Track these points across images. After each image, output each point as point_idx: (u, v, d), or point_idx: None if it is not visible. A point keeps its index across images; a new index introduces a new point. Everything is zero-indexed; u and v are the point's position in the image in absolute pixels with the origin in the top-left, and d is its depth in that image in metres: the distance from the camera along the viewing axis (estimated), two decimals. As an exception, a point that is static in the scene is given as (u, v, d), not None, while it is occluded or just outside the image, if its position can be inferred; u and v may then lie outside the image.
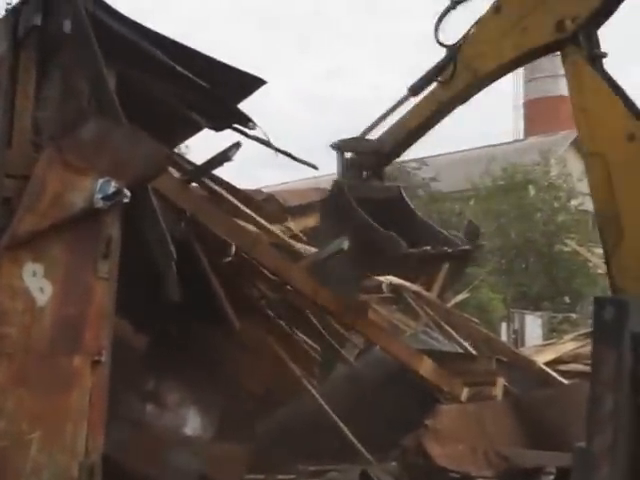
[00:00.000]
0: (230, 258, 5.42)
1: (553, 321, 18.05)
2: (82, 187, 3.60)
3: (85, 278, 3.58)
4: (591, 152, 4.15)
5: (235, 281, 5.71)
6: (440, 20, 4.83)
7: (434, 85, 5.09)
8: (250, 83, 4.94)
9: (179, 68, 4.30)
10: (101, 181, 3.61)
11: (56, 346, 3.48)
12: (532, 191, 20.76)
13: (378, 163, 5.59)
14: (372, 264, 6.01)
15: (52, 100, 3.81)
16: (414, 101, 5.31)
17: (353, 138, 5.62)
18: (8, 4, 3.55)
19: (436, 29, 4.83)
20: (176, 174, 5.42)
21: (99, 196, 3.59)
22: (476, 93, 5.03)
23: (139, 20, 4.08)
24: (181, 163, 5.65)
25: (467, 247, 7.55)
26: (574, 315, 18.56)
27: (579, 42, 4.26)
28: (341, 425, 5.32)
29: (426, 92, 5.22)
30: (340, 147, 5.60)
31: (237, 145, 5.41)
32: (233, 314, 5.20)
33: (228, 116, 5.09)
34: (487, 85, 4.95)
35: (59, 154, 3.62)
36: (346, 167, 5.58)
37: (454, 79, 4.86)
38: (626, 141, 3.99)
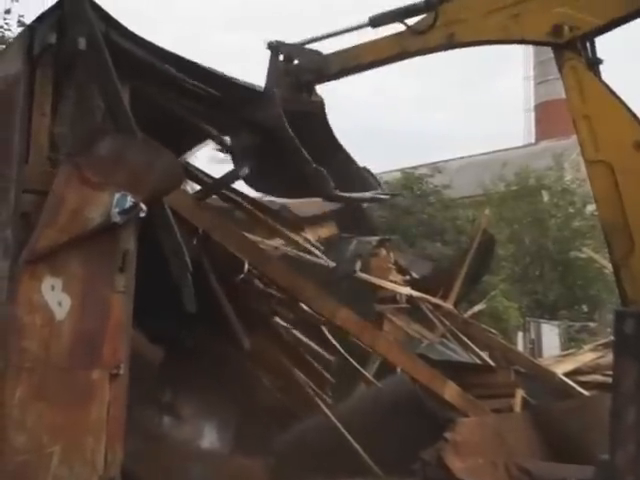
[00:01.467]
0: (243, 275, 5.48)
1: (571, 330, 17.92)
2: (99, 202, 3.69)
3: (103, 292, 3.68)
4: (595, 160, 4.10)
5: (247, 298, 5.76)
6: None
7: (401, 28, 4.86)
8: (256, 95, 5.03)
9: (190, 81, 4.39)
10: (118, 195, 3.70)
11: (75, 360, 3.57)
12: (546, 196, 20.64)
13: (316, 80, 5.34)
14: (295, 193, 5.89)
15: (68, 116, 3.91)
16: (371, 32, 5.05)
17: (294, 44, 5.31)
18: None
19: None
20: (190, 187, 5.52)
21: (116, 210, 3.68)
22: (443, 51, 4.87)
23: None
24: (197, 175, 5.75)
25: (385, 196, 7.49)
26: (592, 324, 18.44)
27: (576, 48, 4.18)
28: (353, 442, 5.33)
29: (389, 30, 4.98)
30: (278, 50, 5.24)
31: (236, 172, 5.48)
32: (243, 334, 5.24)
33: (239, 127, 5.18)
34: (457, 49, 4.80)
35: (76, 170, 3.71)
36: (280, 74, 5.23)
37: (426, 33, 4.70)
38: (633, 149, 3.94)
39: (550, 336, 17.11)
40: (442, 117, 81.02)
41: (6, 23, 12.48)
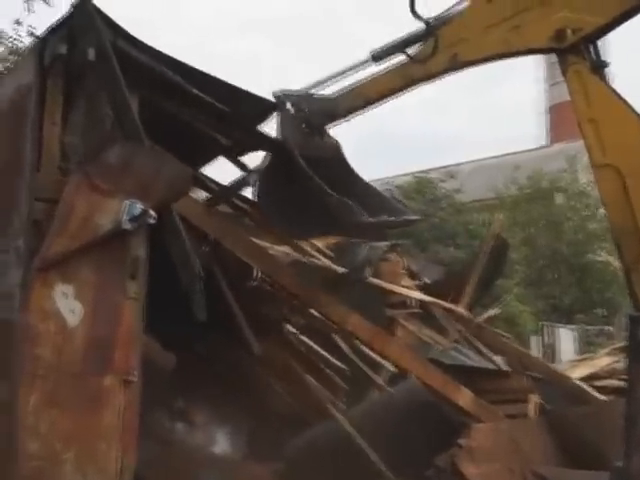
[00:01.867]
0: (254, 282, 5.50)
1: (588, 334, 17.81)
2: (109, 209, 3.76)
3: (114, 299, 3.73)
4: (602, 164, 4.11)
5: (258, 304, 5.78)
6: None
7: (403, 58, 4.96)
8: (267, 108, 5.08)
9: (195, 91, 4.44)
10: (127, 203, 3.76)
11: (87, 366, 3.62)
12: (560, 199, 20.59)
13: (327, 123, 5.43)
14: (325, 230, 5.81)
15: (78, 125, 3.99)
16: (374, 67, 5.13)
17: (299, 93, 5.40)
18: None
19: (412, 2, 4.65)
20: (200, 195, 5.57)
21: (126, 217, 3.75)
22: (448, 74, 4.91)
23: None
24: (206, 183, 5.81)
25: (415, 217, 7.45)
26: (609, 327, 18.31)
27: (580, 52, 4.20)
28: (366, 448, 5.34)
29: (392, 62, 5.06)
30: (285, 100, 5.34)
31: (256, 171, 5.54)
32: (253, 339, 5.27)
33: (251, 140, 5.23)
34: (462, 69, 4.84)
35: (86, 178, 3.79)
36: (290, 122, 5.31)
37: (429, 59, 4.75)
38: None
39: (566, 340, 17.03)
40: (452, 121, 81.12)
41: (18, 34, 12.71)
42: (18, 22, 12.58)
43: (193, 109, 4.64)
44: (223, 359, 5.38)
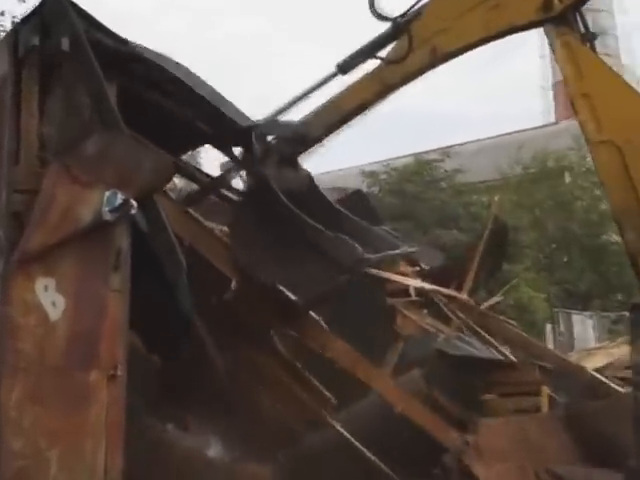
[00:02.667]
0: (231, 292, 5.36)
1: (605, 321, 17.69)
2: (90, 200, 3.82)
3: (97, 291, 3.79)
4: (599, 141, 4.06)
5: (241, 310, 5.65)
6: None
7: (375, 63, 4.82)
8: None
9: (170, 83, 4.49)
10: (108, 193, 3.84)
11: (71, 360, 3.68)
12: (568, 178, 20.42)
13: (300, 150, 5.23)
14: (322, 271, 5.21)
15: (56, 116, 4.05)
16: (343, 80, 4.97)
17: (270, 120, 5.18)
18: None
19: (372, 1, 4.56)
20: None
21: (107, 208, 3.82)
22: (428, 71, 4.81)
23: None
24: (191, 171, 5.86)
25: (412, 250, 7.32)
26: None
27: (569, 22, 4.17)
28: (365, 450, 5.35)
29: (363, 70, 4.93)
30: (260, 131, 5.13)
31: (235, 170, 5.54)
32: (217, 355, 5.13)
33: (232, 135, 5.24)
34: (444, 63, 4.74)
35: (65, 169, 3.85)
36: (264, 153, 5.12)
37: (406, 58, 4.63)
38: None
39: (583, 328, 16.93)
40: (455, 100, 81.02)
41: (0, 25, 12.85)
42: (2, 13, 12.77)
43: (172, 99, 4.70)
44: (208, 364, 5.30)
